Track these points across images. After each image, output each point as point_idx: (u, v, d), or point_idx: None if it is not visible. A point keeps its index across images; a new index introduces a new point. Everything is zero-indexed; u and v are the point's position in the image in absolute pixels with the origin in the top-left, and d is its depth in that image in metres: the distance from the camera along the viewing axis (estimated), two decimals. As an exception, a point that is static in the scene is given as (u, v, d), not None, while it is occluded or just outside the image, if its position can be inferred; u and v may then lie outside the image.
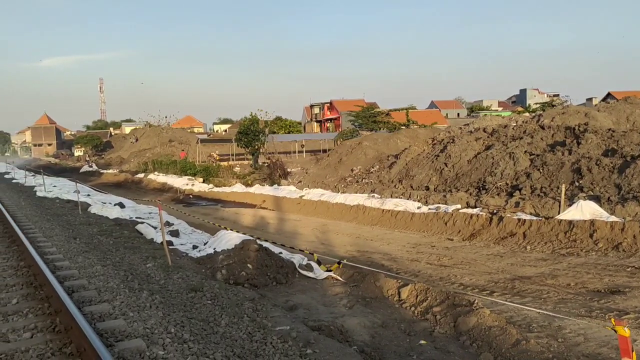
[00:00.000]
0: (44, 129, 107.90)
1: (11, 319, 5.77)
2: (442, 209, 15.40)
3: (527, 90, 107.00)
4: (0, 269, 8.08)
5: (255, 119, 41.07)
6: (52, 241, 10.40)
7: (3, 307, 6.15)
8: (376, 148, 30.34)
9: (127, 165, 53.35)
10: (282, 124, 73.37)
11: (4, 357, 4.77)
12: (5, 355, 4.80)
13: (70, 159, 78.79)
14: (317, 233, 15.36)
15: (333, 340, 6.12)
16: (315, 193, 21.65)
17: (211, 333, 5.67)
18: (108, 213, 16.41)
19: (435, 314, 7.20)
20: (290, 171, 32.32)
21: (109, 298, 6.40)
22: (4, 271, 7.91)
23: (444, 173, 19.92)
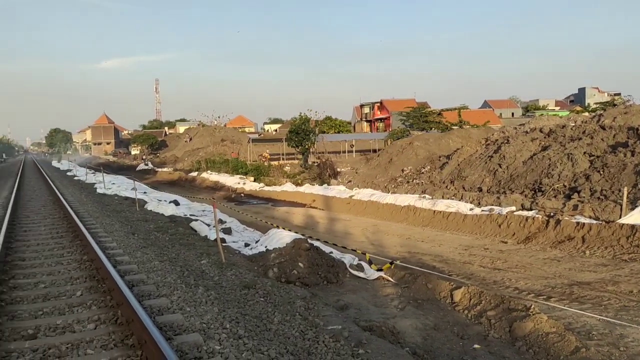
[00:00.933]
0: (103, 128, 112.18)
1: (76, 310, 6.04)
2: (495, 210, 15.06)
3: (587, 89, 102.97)
4: (66, 262, 8.47)
5: (306, 118, 41.38)
6: (112, 236, 10.81)
7: (69, 298, 6.46)
8: (427, 148, 29.96)
9: (181, 164, 54.78)
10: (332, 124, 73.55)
11: (71, 346, 5.00)
12: (71, 345, 5.04)
13: (127, 158, 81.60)
14: (367, 233, 15.32)
15: (385, 341, 6.10)
16: (365, 193, 21.59)
17: (264, 330, 5.76)
18: (163, 210, 16.91)
19: (489, 318, 7.06)
20: (340, 171, 32.36)
21: (167, 293, 6.61)
22: (68, 264, 8.29)
23: (498, 174, 19.46)
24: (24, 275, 7.64)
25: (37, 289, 6.89)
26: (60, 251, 9.37)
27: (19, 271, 7.86)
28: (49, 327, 5.47)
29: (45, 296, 6.56)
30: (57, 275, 7.59)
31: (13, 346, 4.99)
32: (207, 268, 8.64)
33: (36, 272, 7.79)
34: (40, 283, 7.17)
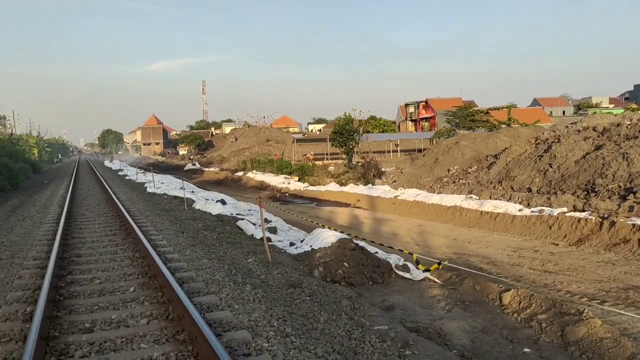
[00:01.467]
0: (152, 129, 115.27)
1: (129, 306, 6.25)
2: (546, 211, 14.64)
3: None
4: (119, 258, 8.77)
5: (350, 118, 41.29)
6: (163, 234, 11.12)
7: (122, 294, 6.68)
8: (474, 148, 29.41)
9: (227, 164, 55.67)
10: (377, 123, 73.17)
11: (125, 340, 5.18)
12: (125, 339, 5.22)
13: (175, 158, 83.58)
14: (412, 234, 15.18)
15: (432, 343, 6.04)
16: (410, 193, 21.39)
17: (311, 329, 5.81)
18: (211, 209, 17.24)
19: (540, 321, 6.89)
20: (384, 171, 32.16)
21: (216, 290, 6.75)
22: (122, 261, 8.58)
23: (548, 174, 18.92)
24: (80, 271, 7.95)
25: (92, 285, 7.17)
26: (114, 248, 9.70)
27: (76, 267, 8.19)
28: (104, 322, 5.68)
29: (101, 291, 6.82)
30: (111, 272, 7.86)
31: (71, 339, 5.21)
32: (253, 266, 8.77)
33: (92, 268, 8.10)
34: (96, 279, 7.45)
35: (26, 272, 7.84)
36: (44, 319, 5.27)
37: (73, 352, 4.92)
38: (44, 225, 12.85)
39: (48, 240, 10.53)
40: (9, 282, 7.37)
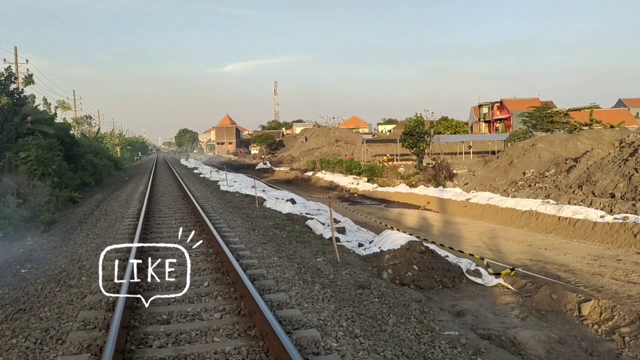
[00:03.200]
0: (225, 129, 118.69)
1: (204, 300, 6.48)
2: (630, 219, 13.78)
3: None
4: (194, 254, 9.09)
5: (421, 119, 40.74)
6: (235, 232, 11.43)
7: (197, 288, 6.94)
8: (552, 150, 28.18)
9: (297, 164, 56.38)
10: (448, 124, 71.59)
11: (199, 333, 5.38)
12: (200, 331, 5.41)
13: (247, 157, 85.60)
14: (484, 238, 14.75)
15: (505, 352, 5.86)
16: (483, 196, 20.79)
17: (379, 331, 5.79)
18: (281, 208, 17.53)
19: (623, 335, 6.51)
20: (455, 173, 31.46)
21: (286, 288, 6.86)
22: (196, 256, 8.89)
23: (634, 179, 17.82)
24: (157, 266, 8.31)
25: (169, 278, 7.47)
26: (189, 243, 10.07)
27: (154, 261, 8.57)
28: (180, 314, 5.92)
29: (177, 285, 7.10)
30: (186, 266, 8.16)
31: (150, 329, 5.47)
32: (322, 266, 8.84)
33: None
34: (172, 273, 7.76)
35: (109, 264, 8.30)
36: (125, 309, 5.56)
37: (151, 342, 5.16)
38: (125, 219, 13.53)
39: (129, 234, 11.08)
40: (96, 272, 7.83)
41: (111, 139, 71.71)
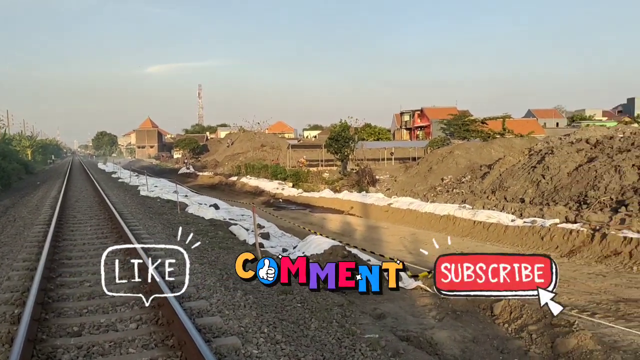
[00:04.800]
0: (147, 132, 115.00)
1: (119, 310, 6.21)
2: (538, 222, 14.69)
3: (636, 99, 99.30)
4: (110, 262, 8.70)
5: (345, 125, 41.43)
6: (155, 238, 11.08)
7: (112, 298, 6.63)
8: (468, 157, 29.53)
9: (222, 168, 55.61)
10: (372, 131, 73.26)
11: (113, 344, 5.15)
12: (114, 343, 5.18)
13: (169, 161, 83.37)
14: (405, 242, 15.19)
15: (422, 352, 6.03)
16: (404, 201, 21.42)
17: (301, 336, 5.79)
18: (204, 214, 17.19)
19: (530, 332, 6.88)
20: (378, 178, 32.22)
21: (206, 295, 6.72)
22: (112, 264, 8.51)
23: (541, 185, 19.00)
24: (70, 274, 7.90)
25: (82, 288, 7.12)
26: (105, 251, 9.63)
27: (66, 269, 8.14)
28: (93, 325, 5.65)
29: (90, 295, 6.78)
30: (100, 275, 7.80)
31: (59, 342, 5.17)
32: (245, 272, 8.72)
33: (82, 271, 8.05)
34: (86, 282, 7.41)
35: (15, 274, 7.79)
36: (31, 321, 5.23)
37: (60, 355, 4.88)
38: (35, 226, 12.77)
39: (38, 242, 10.46)
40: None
41: (21, 141, 67.44)
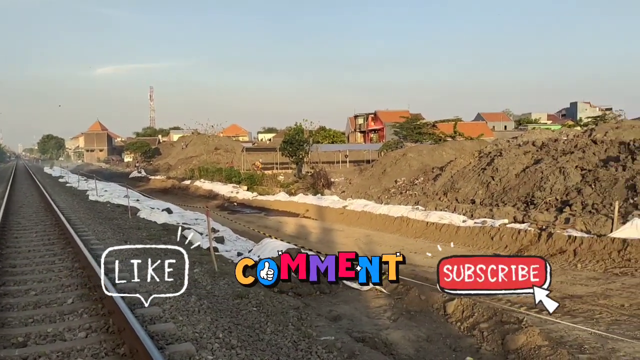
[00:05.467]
0: (96, 135, 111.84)
1: (67, 318, 6.00)
2: (488, 223, 15.11)
3: (578, 103, 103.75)
4: (57, 269, 8.41)
5: (300, 128, 41.46)
6: (105, 244, 10.75)
7: (59, 306, 6.41)
8: (421, 160, 30.09)
9: (174, 172, 54.67)
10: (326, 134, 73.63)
11: (61, 355, 4.97)
12: (62, 353, 5.00)
13: (120, 165, 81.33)
14: (360, 244, 15.32)
15: (378, 353, 6.09)
16: (359, 203, 21.61)
17: (257, 340, 5.75)
18: (156, 218, 16.84)
19: (482, 330, 7.06)
20: (333, 181, 32.39)
21: (159, 302, 6.57)
22: (60, 272, 8.23)
23: (491, 187, 19.55)
24: (14, 282, 7.58)
25: (27, 297, 6.85)
26: (52, 258, 9.31)
27: (10, 278, 7.81)
28: (39, 335, 5.43)
29: (36, 304, 6.52)
30: (48, 283, 7.53)
31: (3, 354, 4.95)
32: (199, 277, 8.61)
33: (27, 279, 7.74)
34: (31, 290, 7.12)
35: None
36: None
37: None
38: (-25, 233, 12.19)
39: (-20, 249, 9.99)
40: None
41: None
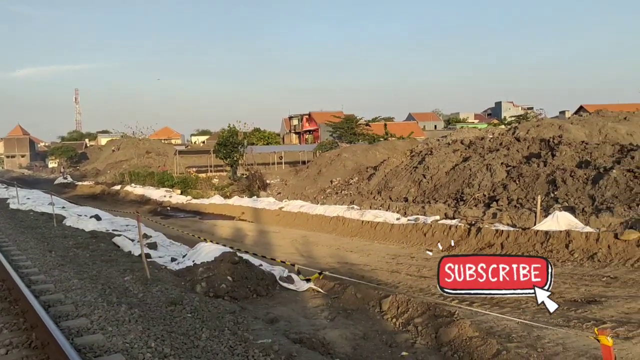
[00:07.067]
0: (17, 140, 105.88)
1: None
2: (421, 220, 15.51)
3: (502, 103, 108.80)
4: (-27, 283, 7.87)
5: (234, 130, 40.95)
6: (27, 254, 10.18)
7: (-24, 322, 6.00)
8: (355, 160, 30.49)
9: (103, 177, 52.68)
10: (261, 136, 73.25)
11: (-22, 374, 4.65)
12: (-22, 372, 4.68)
13: (44, 171, 77.41)
14: (296, 245, 15.32)
15: (315, 353, 6.09)
16: (295, 204, 21.63)
17: (192, 347, 5.60)
18: (84, 225, 16.13)
19: (416, 325, 7.22)
20: (269, 183, 32.25)
21: (87, 312, 6.28)
22: (-24, 286, 7.71)
23: (423, 184, 20.08)
24: None
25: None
26: (-33, 272, 8.70)
27: None
28: (-48, 355, 5.06)
29: (-51, 321, 6.06)
30: (-37, 298, 7.03)
31: None
32: (130, 285, 8.31)
33: (-61, 296, 7.19)
34: (-57, 307, 6.62)
35: None
36: None
37: None
38: None
39: None
40: None
41: None
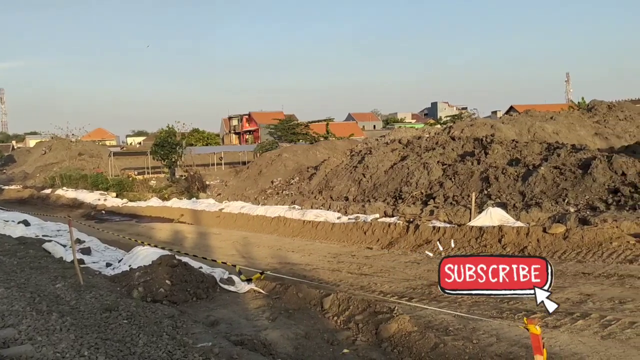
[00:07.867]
0: None
1: None
2: (361, 218, 15.72)
3: (438, 103, 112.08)
4: None
5: (172, 131, 40.04)
6: (-53, 264, 9.56)
7: None
8: (296, 160, 30.51)
9: (32, 181, 50.26)
10: (200, 136, 72.09)
11: None
12: None
13: (-34, 175, 72.88)
14: (237, 246, 15.16)
15: (256, 354, 6.05)
16: (235, 206, 21.41)
17: (128, 354, 5.42)
18: (11, 231, 15.32)
19: (357, 322, 7.31)
20: (209, 184, 31.76)
21: (14, 322, 5.95)
22: None
23: (362, 183, 20.36)
24: None
25: None
26: None
27: None
28: None
29: None
30: None
31: None
32: (62, 292, 7.95)
33: None
34: None
35: None
36: None
37: None
38: None
39: None
40: None
41: None
